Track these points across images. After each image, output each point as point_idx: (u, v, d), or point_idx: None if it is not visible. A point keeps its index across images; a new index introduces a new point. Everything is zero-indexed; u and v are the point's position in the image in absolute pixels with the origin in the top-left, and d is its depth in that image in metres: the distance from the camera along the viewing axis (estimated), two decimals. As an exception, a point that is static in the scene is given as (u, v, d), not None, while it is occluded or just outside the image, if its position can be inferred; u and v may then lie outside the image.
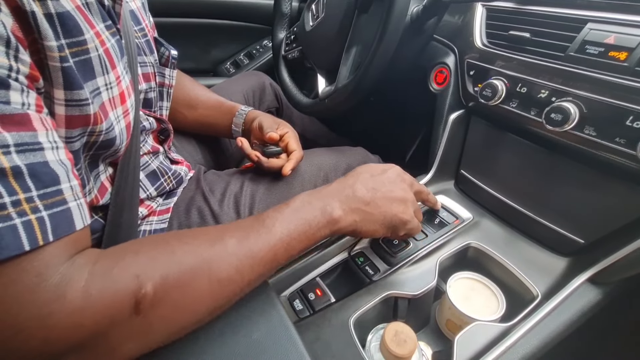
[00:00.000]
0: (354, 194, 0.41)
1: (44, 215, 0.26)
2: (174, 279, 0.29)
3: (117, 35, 0.38)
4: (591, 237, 0.47)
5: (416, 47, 0.69)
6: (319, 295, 0.49)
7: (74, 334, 0.25)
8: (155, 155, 0.56)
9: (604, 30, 0.42)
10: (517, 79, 0.50)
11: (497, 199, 0.57)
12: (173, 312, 0.29)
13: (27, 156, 0.25)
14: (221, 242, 0.32)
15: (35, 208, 0.25)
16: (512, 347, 0.40)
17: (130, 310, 0.27)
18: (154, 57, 0.54)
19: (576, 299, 0.44)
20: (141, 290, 0.27)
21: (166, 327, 0.30)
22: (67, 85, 0.30)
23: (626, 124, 0.39)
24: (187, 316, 0.31)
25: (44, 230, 0.25)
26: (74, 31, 0.30)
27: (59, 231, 0.26)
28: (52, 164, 0.27)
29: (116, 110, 0.37)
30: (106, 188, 0.43)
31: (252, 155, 0.61)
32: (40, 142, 0.27)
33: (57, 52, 0.28)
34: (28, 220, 0.24)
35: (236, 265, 0.32)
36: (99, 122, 0.34)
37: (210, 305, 0.32)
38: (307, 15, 0.77)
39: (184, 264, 0.30)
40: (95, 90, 0.34)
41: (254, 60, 1.32)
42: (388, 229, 0.43)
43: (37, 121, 0.27)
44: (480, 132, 0.61)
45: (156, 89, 0.55)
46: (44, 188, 0.26)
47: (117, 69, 0.37)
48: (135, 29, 0.50)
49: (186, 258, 0.30)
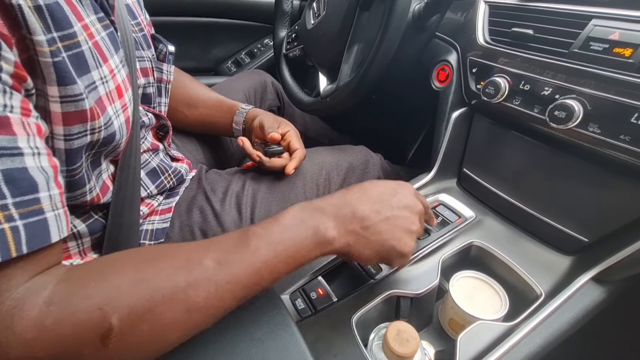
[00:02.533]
0: (353, 214, 0.36)
1: (19, 225, 0.24)
2: (144, 308, 0.27)
3: (111, 28, 0.37)
4: (595, 235, 0.47)
5: (418, 45, 0.69)
6: (321, 295, 0.48)
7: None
8: (155, 152, 0.56)
9: (609, 27, 0.42)
10: (520, 76, 0.50)
11: (500, 197, 0.57)
12: (146, 340, 0.27)
13: (3, 161, 0.24)
14: (199, 266, 0.30)
15: (10, 217, 0.24)
16: (516, 347, 0.40)
17: (95, 343, 0.25)
18: (152, 52, 0.54)
19: (580, 297, 0.44)
20: (104, 324, 0.25)
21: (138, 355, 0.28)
22: (61, 81, 0.29)
23: (631, 121, 0.39)
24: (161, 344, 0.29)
25: (17, 241, 0.24)
26: (63, 23, 0.29)
27: (33, 243, 0.25)
28: (31, 170, 0.26)
29: (114, 105, 0.36)
30: (108, 187, 0.43)
31: (254, 155, 0.61)
32: (20, 147, 0.25)
33: (47, 46, 0.27)
34: (1, 230, 0.23)
35: (215, 291, 0.29)
36: (97, 118, 0.33)
37: (188, 332, 0.30)
38: (308, 14, 0.77)
39: (156, 292, 0.27)
40: (91, 84, 0.33)
41: (255, 59, 1.32)
42: (382, 258, 0.39)
43: (18, 125, 0.25)
44: (483, 130, 0.60)
45: (154, 84, 0.55)
46: (20, 195, 0.25)
47: (109, 62, 0.36)
48: (131, 23, 0.49)
49: (159, 285, 0.28)
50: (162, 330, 0.28)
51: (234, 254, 0.31)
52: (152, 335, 0.27)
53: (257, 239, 0.32)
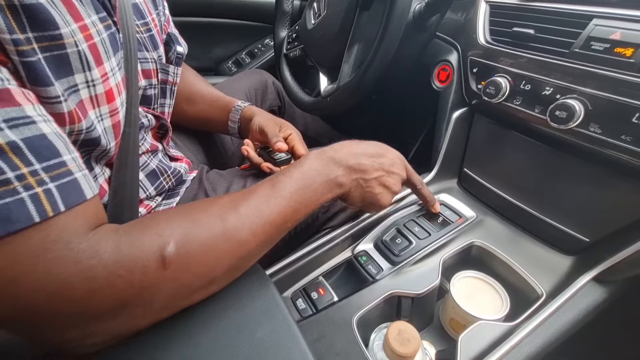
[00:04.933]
0: (359, 165, 0.44)
1: (51, 187, 0.26)
2: (193, 237, 0.31)
3: (113, 29, 0.37)
4: (596, 235, 0.47)
5: (418, 45, 0.69)
6: (321, 294, 0.48)
7: (113, 285, 0.27)
8: (154, 153, 0.56)
9: (610, 26, 0.42)
10: (521, 76, 0.49)
11: (501, 197, 0.57)
12: (197, 267, 0.31)
13: (21, 131, 0.25)
14: (235, 207, 0.35)
15: (41, 181, 0.25)
16: (517, 347, 0.40)
17: (158, 264, 0.29)
18: (158, 53, 0.53)
19: (581, 297, 0.44)
20: (165, 246, 0.29)
21: (192, 281, 0.31)
22: (31, 81, 0.28)
23: (632, 121, 0.39)
24: (209, 272, 0.32)
25: (53, 202, 0.26)
26: (46, 25, 0.29)
27: (69, 200, 0.27)
28: (49, 136, 0.27)
29: (99, 109, 0.36)
30: (105, 190, 0.42)
31: (265, 167, 0.62)
32: (30, 116, 0.26)
33: (12, 45, 0.27)
34: (35, 194, 0.25)
35: (249, 226, 0.34)
36: (76, 122, 0.32)
37: (230, 264, 0.34)
38: (308, 14, 0.77)
39: (201, 225, 0.32)
40: (72, 87, 0.32)
41: (255, 59, 1.32)
42: (365, 205, 0.47)
43: (20, 95, 0.26)
44: (483, 130, 0.60)
45: (157, 86, 0.54)
46: (46, 161, 0.26)
47: (104, 65, 0.35)
48: (137, 23, 0.49)
49: (202, 220, 0.32)
50: (212, 260, 0.32)
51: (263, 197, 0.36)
52: (202, 264, 0.31)
53: (281, 184, 0.38)
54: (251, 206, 0.35)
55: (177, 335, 0.33)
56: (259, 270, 0.39)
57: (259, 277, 0.39)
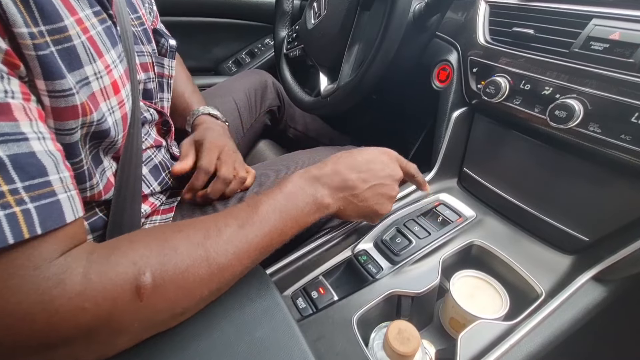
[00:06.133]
0: (345, 183, 0.43)
1: (30, 208, 0.25)
2: (172, 265, 0.30)
3: (108, 22, 0.37)
4: (596, 234, 0.47)
5: (419, 45, 0.69)
6: (322, 294, 0.48)
7: (77, 317, 0.26)
8: (158, 149, 0.56)
9: (609, 26, 0.42)
10: (520, 75, 0.50)
11: (501, 197, 0.57)
12: (175, 296, 0.30)
13: (9, 146, 0.24)
14: (217, 231, 0.34)
15: (20, 200, 0.24)
16: (516, 346, 0.40)
17: (132, 295, 0.28)
18: (152, 46, 0.53)
19: (581, 297, 0.44)
20: (140, 277, 0.28)
21: (170, 309, 0.31)
22: (47, 75, 0.28)
23: (631, 121, 0.39)
24: (189, 299, 0.32)
25: (30, 223, 0.25)
26: (53, 17, 0.29)
27: (48, 224, 0.26)
28: (39, 154, 0.26)
29: (109, 101, 0.36)
30: (112, 184, 0.42)
31: None
32: (24, 132, 0.25)
33: (29, 39, 0.26)
34: (12, 213, 0.24)
35: (233, 252, 0.33)
36: (89, 113, 0.33)
37: (211, 288, 0.33)
38: (308, 13, 0.77)
39: (183, 254, 0.31)
40: (84, 79, 0.32)
41: (255, 59, 1.31)
42: (364, 218, 0.48)
43: (19, 110, 0.26)
44: (483, 129, 0.60)
45: (155, 79, 0.54)
46: (29, 179, 0.25)
47: (105, 57, 0.35)
48: (131, 16, 0.49)
49: (183, 246, 0.31)
50: (190, 287, 0.31)
51: (246, 221, 0.35)
52: (181, 292, 0.31)
53: (264, 206, 0.37)
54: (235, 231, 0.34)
55: (177, 335, 0.33)
56: (259, 269, 0.40)
57: (259, 277, 0.39)
